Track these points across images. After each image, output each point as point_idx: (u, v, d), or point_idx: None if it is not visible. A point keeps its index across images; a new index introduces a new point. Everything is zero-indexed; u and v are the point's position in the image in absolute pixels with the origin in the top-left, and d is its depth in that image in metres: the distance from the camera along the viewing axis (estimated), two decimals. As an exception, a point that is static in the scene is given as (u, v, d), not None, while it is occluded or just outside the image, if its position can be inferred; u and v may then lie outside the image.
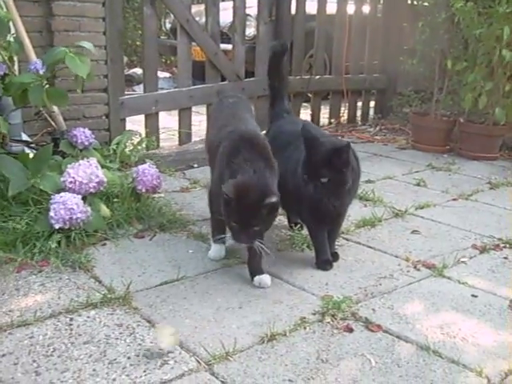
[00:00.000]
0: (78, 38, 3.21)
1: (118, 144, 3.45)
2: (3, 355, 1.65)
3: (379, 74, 5.44)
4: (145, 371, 1.58)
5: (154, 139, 3.82)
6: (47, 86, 2.66)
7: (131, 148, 3.51)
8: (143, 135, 3.77)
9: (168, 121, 4.41)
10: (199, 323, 1.84)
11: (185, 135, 4.21)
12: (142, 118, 3.91)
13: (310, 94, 5.17)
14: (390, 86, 5.45)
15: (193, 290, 2.06)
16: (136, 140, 3.64)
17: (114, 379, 1.55)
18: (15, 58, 2.83)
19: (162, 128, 4.01)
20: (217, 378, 1.57)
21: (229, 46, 4.54)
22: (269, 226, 2.05)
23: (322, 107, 5.13)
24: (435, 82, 4.51)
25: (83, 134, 2.82)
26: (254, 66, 4.62)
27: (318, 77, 4.96)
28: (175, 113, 4.20)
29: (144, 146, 3.70)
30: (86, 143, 2.85)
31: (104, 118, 3.59)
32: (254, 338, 1.77)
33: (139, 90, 6.29)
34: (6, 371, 1.57)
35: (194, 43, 4.17)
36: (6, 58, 2.73)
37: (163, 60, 8.43)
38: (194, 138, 4.23)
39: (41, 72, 2.62)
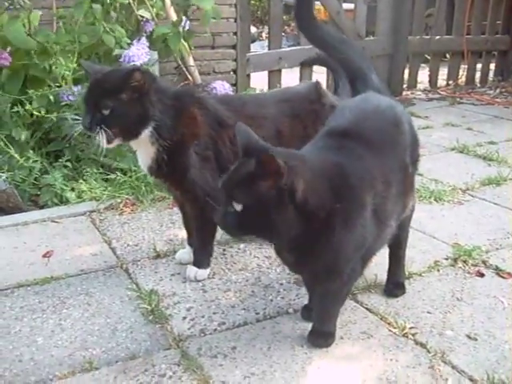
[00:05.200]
0: (212, -3, 3.40)
1: (244, 98, 3.65)
2: (172, 275, 1.91)
3: (502, 35, 5.30)
4: (297, 295, 1.79)
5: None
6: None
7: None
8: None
9: (288, 79, 4.54)
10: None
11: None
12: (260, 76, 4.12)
13: (427, 56, 5.14)
14: (513, 48, 5.30)
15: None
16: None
17: (271, 300, 1.77)
18: (162, 14, 3.07)
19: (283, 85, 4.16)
20: (361, 305, 1.74)
21: (350, 5, 4.60)
22: None
23: (440, 68, 5.10)
24: None
25: (222, 87, 3.02)
26: (374, 25, 4.67)
27: (438, 37, 4.92)
28: (296, 70, 4.33)
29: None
30: (225, 94, 3.06)
31: (232, 73, 3.82)
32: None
33: (253, 48, 6.48)
34: (177, 287, 1.84)
35: (317, 2, 4.26)
36: (154, 14, 2.98)
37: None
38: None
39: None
